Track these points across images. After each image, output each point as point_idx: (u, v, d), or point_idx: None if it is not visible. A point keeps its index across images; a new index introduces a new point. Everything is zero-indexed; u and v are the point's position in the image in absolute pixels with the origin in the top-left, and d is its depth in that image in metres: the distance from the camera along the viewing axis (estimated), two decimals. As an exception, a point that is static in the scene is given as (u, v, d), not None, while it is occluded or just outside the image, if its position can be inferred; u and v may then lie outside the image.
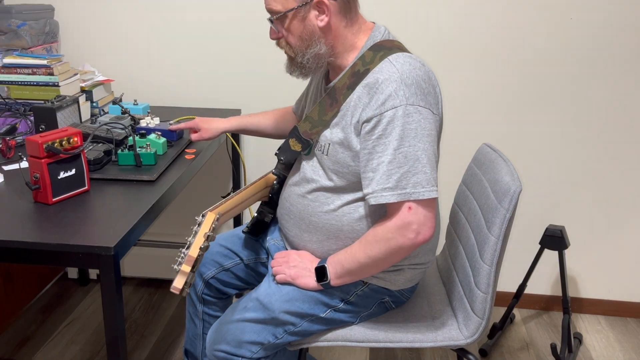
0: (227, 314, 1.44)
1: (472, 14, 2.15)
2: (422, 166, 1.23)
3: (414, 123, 1.22)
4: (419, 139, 1.23)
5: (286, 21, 1.33)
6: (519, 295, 2.17)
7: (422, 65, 1.28)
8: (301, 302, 1.40)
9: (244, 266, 1.64)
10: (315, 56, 1.34)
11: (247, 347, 1.37)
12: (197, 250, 1.17)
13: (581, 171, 2.29)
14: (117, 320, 1.21)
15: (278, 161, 1.51)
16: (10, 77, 1.96)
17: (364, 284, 1.43)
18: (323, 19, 1.31)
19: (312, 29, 1.32)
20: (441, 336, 1.44)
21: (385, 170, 1.24)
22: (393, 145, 1.23)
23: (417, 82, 1.24)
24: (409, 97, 1.23)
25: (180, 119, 2.06)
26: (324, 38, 1.33)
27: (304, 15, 1.31)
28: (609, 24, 2.11)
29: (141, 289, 2.54)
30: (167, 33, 2.30)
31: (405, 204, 1.24)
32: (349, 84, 1.33)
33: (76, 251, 1.17)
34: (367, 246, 1.30)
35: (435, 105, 1.27)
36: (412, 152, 1.22)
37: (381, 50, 1.32)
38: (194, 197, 2.49)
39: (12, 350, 2.12)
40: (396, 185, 1.23)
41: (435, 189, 1.25)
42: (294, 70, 1.40)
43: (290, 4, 1.31)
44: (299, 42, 1.34)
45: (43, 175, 1.32)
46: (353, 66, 1.34)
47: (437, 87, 1.30)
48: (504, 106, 2.25)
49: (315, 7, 1.31)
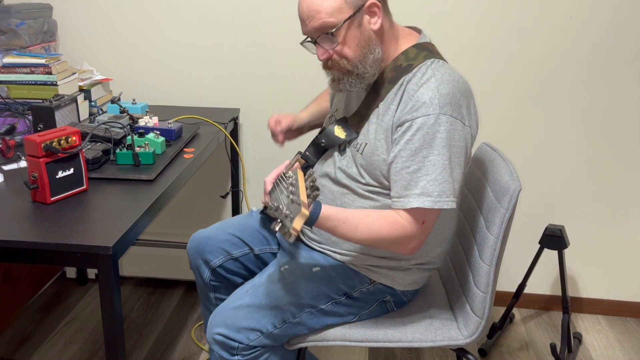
0: (230, 299, 1.44)
1: (471, 14, 2.15)
2: (448, 175, 1.24)
3: (444, 132, 1.23)
4: (447, 149, 1.23)
5: (341, 33, 1.27)
6: (519, 295, 2.17)
7: (460, 77, 1.29)
8: (304, 291, 1.41)
9: (254, 256, 1.63)
10: (375, 62, 1.31)
11: (245, 332, 1.37)
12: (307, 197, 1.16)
13: (581, 170, 2.29)
14: (116, 319, 1.20)
15: (315, 145, 1.47)
16: (9, 76, 1.96)
17: (371, 282, 1.44)
18: (376, 21, 1.29)
19: (368, 35, 1.29)
20: (440, 336, 1.44)
21: (409, 176, 1.25)
22: (421, 153, 1.24)
23: (453, 93, 1.25)
24: (443, 106, 1.23)
25: (179, 118, 2.06)
26: (379, 42, 1.31)
27: (359, 22, 1.28)
28: (609, 23, 2.11)
29: (140, 289, 2.54)
30: (166, 32, 2.30)
31: (422, 217, 1.26)
32: (390, 77, 1.33)
33: (74, 251, 1.16)
34: (375, 220, 1.27)
35: (467, 118, 1.27)
36: (439, 161, 1.23)
37: (425, 50, 1.33)
38: (193, 197, 2.49)
39: (10, 350, 2.12)
40: (421, 193, 1.24)
41: (454, 200, 1.26)
42: (353, 84, 1.33)
43: (344, 14, 1.26)
44: (357, 52, 1.29)
45: (41, 175, 1.32)
46: (395, 60, 1.33)
47: (472, 100, 1.30)
48: (504, 105, 2.24)
49: (367, 12, 1.28)
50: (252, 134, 2.38)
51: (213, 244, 1.63)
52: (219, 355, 1.39)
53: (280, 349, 1.45)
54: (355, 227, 1.26)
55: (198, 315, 2.35)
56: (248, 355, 1.38)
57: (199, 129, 1.99)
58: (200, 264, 1.65)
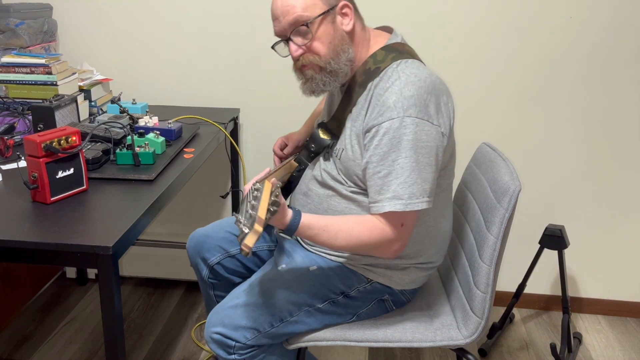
0: (227, 298, 1.44)
1: (471, 13, 2.15)
2: (417, 177, 1.24)
3: (410, 135, 1.23)
4: (414, 151, 1.24)
5: (315, 28, 1.29)
6: (519, 295, 2.17)
7: (428, 75, 1.28)
8: (301, 290, 1.41)
9: (251, 254, 1.63)
10: (348, 61, 1.32)
11: (242, 331, 1.37)
12: (266, 213, 1.15)
13: (581, 170, 2.29)
14: (116, 319, 1.20)
15: (307, 149, 1.49)
16: (9, 76, 1.96)
17: (368, 281, 1.44)
18: (348, 23, 1.31)
19: (341, 34, 1.31)
20: (440, 336, 1.44)
21: (381, 181, 1.26)
22: (389, 157, 1.25)
23: (418, 94, 1.24)
24: (407, 109, 1.23)
25: (179, 118, 2.06)
26: (351, 42, 1.33)
27: (332, 19, 1.30)
28: (609, 23, 2.11)
29: (140, 289, 2.53)
30: (165, 32, 2.30)
31: (399, 219, 1.27)
32: (360, 81, 1.33)
33: (74, 251, 1.16)
34: (354, 226, 1.29)
35: (436, 116, 1.26)
36: (407, 164, 1.24)
37: (393, 51, 1.33)
38: (193, 197, 2.49)
39: (10, 350, 2.12)
40: (393, 196, 1.25)
41: (426, 200, 1.27)
42: (326, 82, 1.33)
43: (318, 10, 1.28)
44: (329, 49, 1.30)
45: (41, 175, 1.32)
46: (364, 63, 1.34)
47: (442, 97, 1.29)
48: (504, 105, 2.24)
49: (339, 12, 1.30)
50: (252, 134, 2.38)
51: (211, 242, 1.64)
52: (217, 353, 1.40)
53: (277, 348, 1.45)
54: (335, 233, 1.28)
55: (198, 315, 2.35)
56: (245, 355, 1.39)
57: (199, 129, 1.99)
58: (199, 261, 1.66)
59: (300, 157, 1.53)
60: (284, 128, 2.33)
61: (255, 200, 1.17)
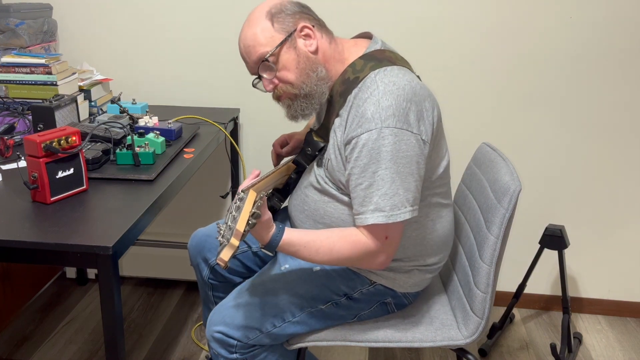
0: (230, 297, 1.44)
1: (470, 13, 2.15)
2: (398, 187, 1.23)
3: (389, 145, 1.22)
4: (393, 161, 1.23)
5: (277, 58, 1.30)
6: (519, 295, 2.17)
7: (408, 82, 1.26)
8: (304, 291, 1.41)
9: (252, 254, 1.64)
10: (320, 80, 1.32)
11: (244, 331, 1.37)
12: (245, 225, 1.14)
13: (581, 170, 2.29)
14: (116, 320, 1.20)
15: (304, 153, 1.49)
16: (8, 76, 1.96)
17: (371, 283, 1.43)
18: (312, 43, 1.32)
19: (306, 56, 1.31)
20: (440, 336, 1.44)
21: (363, 193, 1.26)
22: (370, 168, 1.24)
23: (397, 103, 1.23)
24: (385, 119, 1.22)
25: (179, 118, 2.06)
26: (320, 61, 1.33)
27: (294, 45, 1.31)
28: (609, 23, 2.11)
29: (140, 289, 2.53)
30: (166, 32, 2.30)
31: (383, 232, 1.26)
32: (340, 91, 1.33)
33: (74, 251, 1.16)
34: (336, 242, 1.28)
35: (416, 124, 1.25)
36: (387, 175, 1.23)
37: (372, 60, 1.32)
38: (193, 197, 2.49)
39: (10, 350, 2.12)
40: (375, 208, 1.24)
41: (410, 210, 1.26)
42: (304, 107, 1.35)
43: (276, 41, 1.30)
44: (298, 74, 1.31)
45: (41, 175, 1.32)
46: (343, 73, 1.34)
47: (423, 103, 1.27)
48: (504, 105, 2.24)
49: (299, 36, 1.31)
50: (252, 134, 2.38)
51: (212, 242, 1.64)
52: (218, 352, 1.40)
53: (278, 348, 1.45)
54: (316, 250, 1.28)
55: (198, 315, 2.35)
56: (246, 354, 1.39)
57: (199, 129, 1.99)
58: (199, 261, 1.66)
59: (298, 159, 1.52)
60: (284, 128, 2.33)
61: (237, 211, 1.15)
